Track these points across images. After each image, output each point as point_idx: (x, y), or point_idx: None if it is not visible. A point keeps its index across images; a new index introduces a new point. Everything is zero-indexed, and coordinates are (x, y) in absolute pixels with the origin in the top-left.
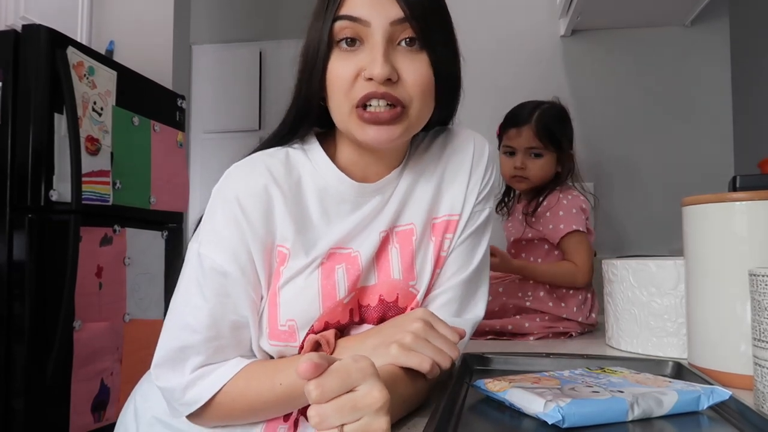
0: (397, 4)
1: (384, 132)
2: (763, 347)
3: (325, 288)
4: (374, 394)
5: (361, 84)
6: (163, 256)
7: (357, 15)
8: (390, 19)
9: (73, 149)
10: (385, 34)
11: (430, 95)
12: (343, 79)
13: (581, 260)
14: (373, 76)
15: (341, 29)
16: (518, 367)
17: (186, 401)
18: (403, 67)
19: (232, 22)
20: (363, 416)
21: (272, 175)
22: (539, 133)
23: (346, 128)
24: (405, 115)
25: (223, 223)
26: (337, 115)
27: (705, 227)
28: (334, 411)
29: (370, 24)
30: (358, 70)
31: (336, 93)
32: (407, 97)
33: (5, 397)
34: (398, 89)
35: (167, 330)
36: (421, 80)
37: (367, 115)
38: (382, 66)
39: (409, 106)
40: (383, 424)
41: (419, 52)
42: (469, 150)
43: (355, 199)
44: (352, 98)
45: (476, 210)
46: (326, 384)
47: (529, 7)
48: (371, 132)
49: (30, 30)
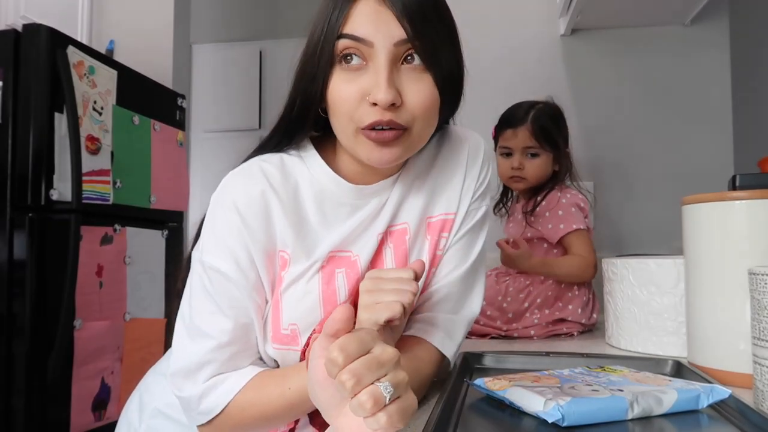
0: (400, 24)
1: (387, 153)
2: (762, 346)
3: (325, 293)
4: (389, 351)
5: (366, 109)
6: (164, 255)
7: (360, 35)
8: (393, 40)
9: (74, 148)
10: (388, 55)
11: (434, 113)
12: (346, 101)
13: (586, 255)
14: (378, 101)
15: (344, 47)
16: (518, 365)
17: (202, 410)
18: (407, 88)
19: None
20: (387, 371)
21: (269, 181)
22: (536, 133)
23: (351, 148)
24: (407, 134)
25: (223, 230)
26: (342, 135)
27: (705, 226)
28: (366, 369)
29: (373, 45)
30: (362, 92)
31: (340, 115)
32: (410, 119)
33: (6, 396)
34: (401, 114)
35: (180, 340)
36: (424, 101)
37: (372, 135)
38: (386, 92)
39: (411, 128)
40: (405, 375)
41: (423, 71)
42: (464, 148)
43: (352, 202)
44: (357, 121)
45: (472, 208)
46: (348, 347)
47: (529, 7)
48: (375, 153)
49: (30, 29)
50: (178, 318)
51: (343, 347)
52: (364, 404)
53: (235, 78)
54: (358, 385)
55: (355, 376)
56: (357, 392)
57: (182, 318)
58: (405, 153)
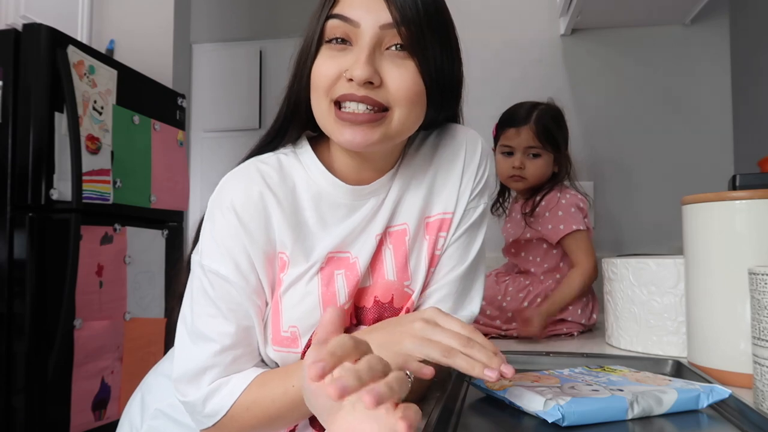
0: (387, 9)
1: (359, 134)
2: (762, 346)
3: (325, 296)
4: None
5: (342, 84)
6: (164, 255)
7: (348, 15)
8: (380, 23)
9: (74, 148)
10: (373, 37)
11: (418, 102)
12: (324, 76)
13: (585, 258)
14: (354, 77)
15: (332, 28)
16: (518, 365)
17: (207, 413)
18: (388, 72)
19: (232, 20)
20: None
21: (266, 182)
22: (538, 133)
23: (325, 127)
24: (385, 119)
25: (221, 233)
26: (317, 112)
27: (705, 226)
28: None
29: (359, 25)
30: (341, 70)
31: (316, 90)
32: (389, 100)
33: (6, 395)
34: (380, 93)
35: (182, 343)
36: (405, 87)
37: (344, 115)
38: (363, 68)
39: (391, 111)
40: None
41: (407, 58)
42: (461, 147)
43: (350, 203)
44: (330, 96)
45: (470, 206)
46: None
47: (529, 6)
48: (347, 133)
49: (30, 29)
50: (179, 321)
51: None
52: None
53: (235, 78)
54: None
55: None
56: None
57: (184, 321)
58: (383, 138)
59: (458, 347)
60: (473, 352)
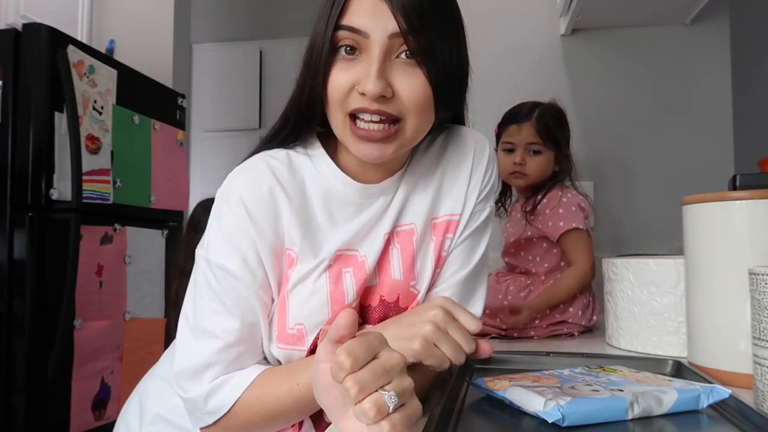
0: (394, 18)
1: (376, 149)
2: (762, 346)
3: (333, 294)
4: (395, 356)
5: (355, 97)
6: (164, 255)
7: (357, 26)
8: (388, 32)
9: (74, 148)
10: (382, 47)
11: (428, 109)
12: (338, 90)
13: (581, 259)
14: (366, 91)
15: (342, 38)
16: (518, 365)
17: (209, 410)
18: (399, 82)
19: (232, 20)
20: (392, 378)
21: (276, 177)
22: (539, 129)
23: (341, 138)
24: (400, 132)
25: (229, 227)
26: (334, 123)
27: (705, 226)
28: (371, 375)
29: (369, 36)
30: (354, 82)
31: (332, 103)
32: (401, 111)
33: (6, 395)
34: (392, 105)
35: (184, 340)
36: (416, 97)
37: (360, 132)
38: (375, 82)
39: (404, 121)
40: (411, 382)
41: (417, 65)
42: (470, 149)
43: (359, 201)
44: (345, 108)
45: (477, 209)
46: (355, 351)
47: (529, 6)
48: (363, 149)
49: (30, 29)
50: (181, 317)
51: (351, 351)
52: (367, 412)
53: (235, 78)
54: (362, 393)
55: (359, 383)
56: (361, 399)
57: (185, 317)
58: (399, 149)
59: (457, 354)
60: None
